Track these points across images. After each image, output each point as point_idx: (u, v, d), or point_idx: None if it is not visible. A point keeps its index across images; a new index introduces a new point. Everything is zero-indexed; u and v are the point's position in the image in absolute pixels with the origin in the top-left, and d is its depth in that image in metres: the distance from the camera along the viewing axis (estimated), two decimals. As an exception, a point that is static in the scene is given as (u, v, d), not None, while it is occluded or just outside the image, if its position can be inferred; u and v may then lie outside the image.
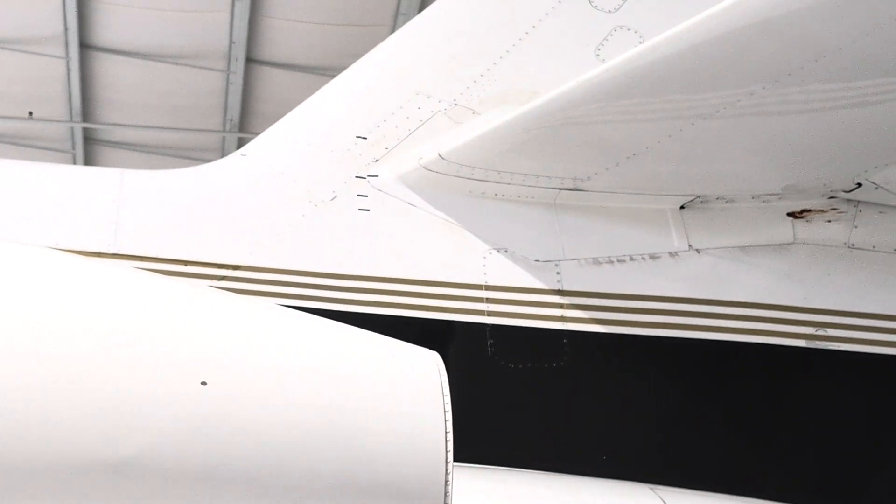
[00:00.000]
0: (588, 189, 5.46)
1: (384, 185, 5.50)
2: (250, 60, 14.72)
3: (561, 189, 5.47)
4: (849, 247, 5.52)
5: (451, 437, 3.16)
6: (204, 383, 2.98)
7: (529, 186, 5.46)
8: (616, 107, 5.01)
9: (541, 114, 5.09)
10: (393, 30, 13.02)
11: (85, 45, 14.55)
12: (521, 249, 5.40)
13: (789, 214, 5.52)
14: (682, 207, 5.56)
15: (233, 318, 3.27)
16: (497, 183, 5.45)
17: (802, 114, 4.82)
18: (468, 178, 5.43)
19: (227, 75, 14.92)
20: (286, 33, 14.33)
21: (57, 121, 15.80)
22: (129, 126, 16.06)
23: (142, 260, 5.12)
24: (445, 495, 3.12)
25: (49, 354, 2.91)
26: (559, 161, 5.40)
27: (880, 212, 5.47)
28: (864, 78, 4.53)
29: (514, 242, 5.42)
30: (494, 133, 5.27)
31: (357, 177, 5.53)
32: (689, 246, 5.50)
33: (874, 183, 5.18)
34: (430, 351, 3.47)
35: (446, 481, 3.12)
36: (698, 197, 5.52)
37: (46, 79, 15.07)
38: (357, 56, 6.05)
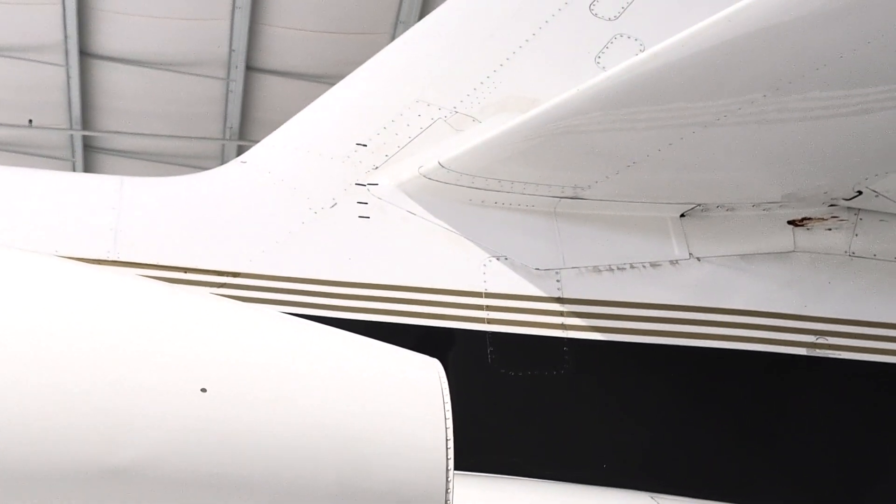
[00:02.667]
0: (588, 197, 5.46)
1: (384, 194, 5.49)
2: (250, 68, 14.74)
3: (561, 197, 5.47)
4: (849, 255, 5.51)
5: (451, 444, 3.16)
6: (204, 390, 2.97)
7: (530, 195, 5.45)
8: (616, 115, 5.00)
9: (541, 122, 5.08)
10: (393, 38, 13.02)
11: (85, 53, 14.57)
12: (522, 258, 5.39)
13: (790, 222, 5.51)
14: (682, 216, 5.56)
15: (233, 325, 3.26)
16: (497, 191, 5.44)
17: (803, 122, 4.82)
18: (468, 187, 5.42)
19: (227, 83, 14.94)
20: (286, 41, 14.35)
21: (57, 129, 15.82)
22: (128, 134, 16.08)
23: (141, 267, 5.11)
24: (446, 502, 3.11)
25: (49, 360, 2.90)
26: (559, 169, 5.39)
27: (881, 220, 5.46)
28: (865, 86, 4.52)
29: (514, 251, 5.41)
30: (495, 141, 5.26)
31: (357, 184, 5.53)
32: (690, 254, 5.49)
33: (874, 191, 5.18)
34: (431, 358, 3.46)
35: (447, 489, 3.11)
36: (698, 205, 5.51)
37: (46, 87, 15.08)
38: (357, 64, 6.05)
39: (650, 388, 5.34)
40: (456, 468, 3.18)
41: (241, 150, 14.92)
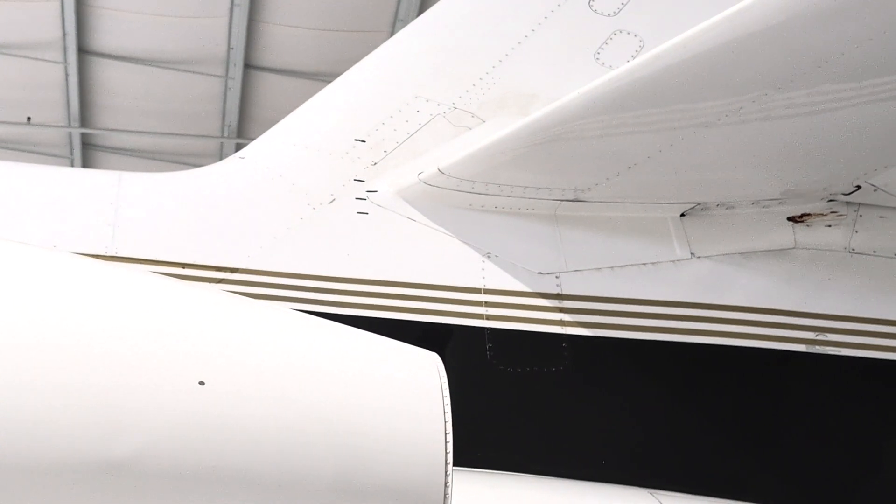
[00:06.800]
0: (589, 200, 5.44)
1: (383, 201, 5.47)
2: (248, 66, 14.73)
3: (562, 200, 5.45)
4: (849, 251, 5.50)
5: (450, 438, 3.14)
6: (202, 383, 2.96)
7: (530, 198, 5.44)
8: (618, 118, 4.98)
9: (541, 126, 5.06)
10: (392, 36, 13.01)
11: (83, 51, 14.55)
12: (522, 261, 5.38)
13: (789, 219, 5.50)
14: (682, 215, 5.55)
15: (232, 318, 3.25)
16: (497, 196, 5.42)
17: (803, 118, 4.80)
18: (468, 192, 5.40)
19: (226, 81, 14.93)
20: (284, 39, 14.33)
21: (55, 126, 15.80)
22: (127, 131, 16.08)
23: (139, 262, 5.10)
24: (445, 498, 3.10)
25: (46, 353, 2.89)
26: (560, 173, 5.37)
27: (881, 216, 5.45)
28: (866, 79, 4.51)
29: (514, 254, 5.39)
30: (494, 146, 5.25)
31: (356, 180, 5.52)
32: (692, 254, 5.48)
33: (873, 185, 5.17)
34: (430, 352, 3.45)
35: (446, 483, 3.10)
36: (699, 204, 5.51)
37: (45, 84, 15.07)
38: (355, 62, 6.04)
39: (649, 385, 5.33)
40: (455, 464, 3.17)
41: (239, 148, 14.81)
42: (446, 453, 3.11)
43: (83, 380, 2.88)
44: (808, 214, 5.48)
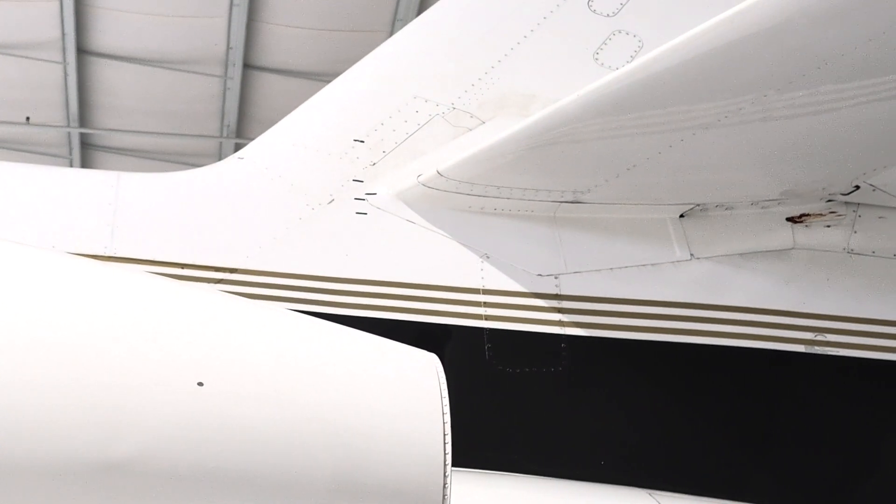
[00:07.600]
0: (588, 201, 5.44)
1: (382, 203, 5.47)
2: (247, 66, 14.74)
3: (561, 202, 5.45)
4: (848, 252, 5.50)
5: (449, 439, 3.14)
6: (200, 384, 2.96)
7: (529, 200, 5.44)
8: (617, 120, 4.97)
9: (540, 129, 5.05)
10: (391, 35, 13.01)
11: (82, 51, 14.56)
12: (522, 263, 5.38)
13: (788, 219, 5.50)
14: (681, 216, 5.55)
15: (230, 319, 3.25)
16: (496, 198, 5.42)
17: (802, 118, 4.80)
18: (467, 194, 5.40)
19: (225, 81, 14.94)
20: (283, 39, 14.35)
21: (54, 126, 15.82)
22: (126, 131, 16.09)
23: (138, 263, 5.10)
24: (444, 498, 3.10)
25: (45, 354, 2.89)
26: (559, 174, 5.37)
27: (880, 217, 5.45)
28: (866, 80, 4.50)
29: (514, 256, 5.39)
30: (493, 149, 5.24)
31: (354, 180, 5.52)
32: (691, 255, 5.48)
33: (872, 185, 5.17)
34: (429, 353, 3.45)
35: (444, 484, 3.10)
36: (698, 205, 5.51)
37: (44, 84, 15.08)
38: (354, 62, 6.04)
39: (649, 386, 5.33)
40: (453, 465, 3.17)
41: (238, 148, 14.84)
42: (445, 454, 3.12)
43: (83, 380, 2.88)
44: (807, 215, 5.48)
